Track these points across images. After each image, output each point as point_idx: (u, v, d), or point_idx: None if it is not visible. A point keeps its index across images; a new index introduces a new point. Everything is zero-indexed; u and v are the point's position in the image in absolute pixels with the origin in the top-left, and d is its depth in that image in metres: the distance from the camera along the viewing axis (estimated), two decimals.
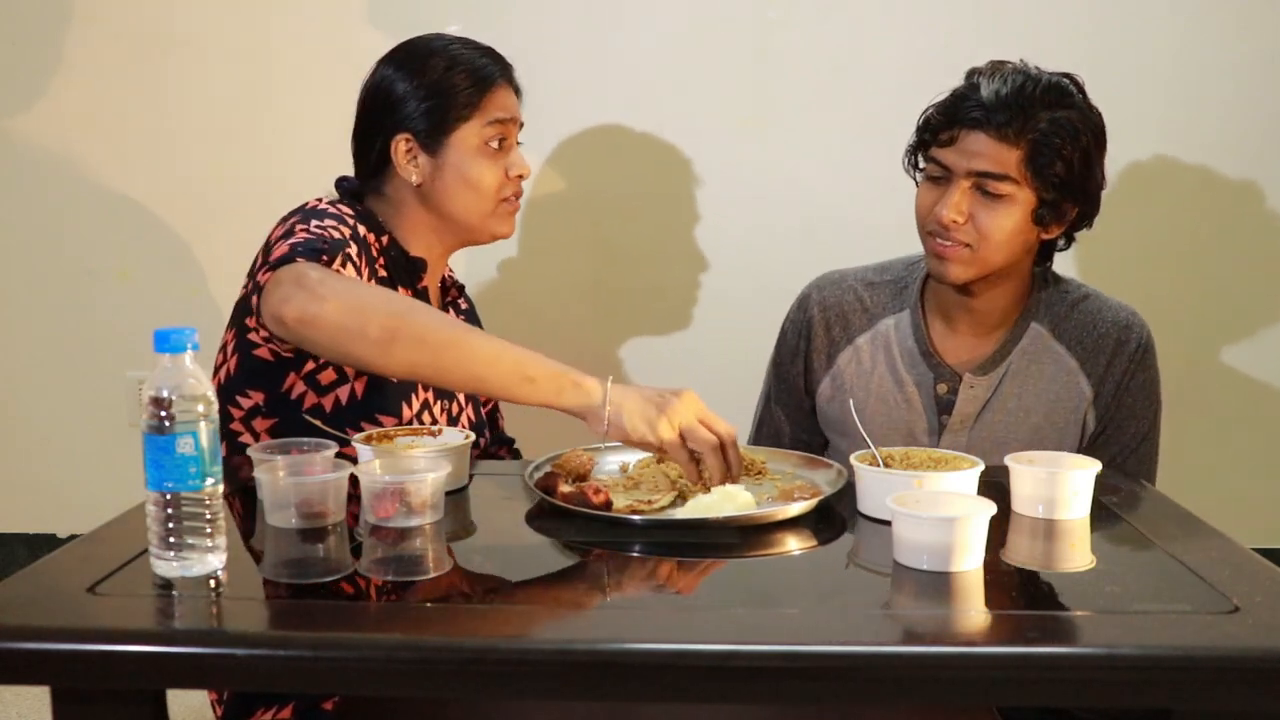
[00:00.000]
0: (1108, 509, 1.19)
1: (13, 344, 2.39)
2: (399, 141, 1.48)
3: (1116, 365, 1.54)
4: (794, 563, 1.09)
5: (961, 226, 1.46)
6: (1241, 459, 2.30)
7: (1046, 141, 1.42)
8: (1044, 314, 1.57)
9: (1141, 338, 1.56)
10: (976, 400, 1.55)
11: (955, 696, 0.99)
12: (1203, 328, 2.26)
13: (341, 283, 1.23)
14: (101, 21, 2.26)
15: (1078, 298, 1.58)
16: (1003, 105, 1.42)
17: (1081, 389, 1.54)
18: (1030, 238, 1.49)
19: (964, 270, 1.48)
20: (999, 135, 1.43)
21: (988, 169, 1.44)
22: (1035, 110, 1.42)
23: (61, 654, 0.86)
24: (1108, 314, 1.56)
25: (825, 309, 1.66)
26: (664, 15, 2.21)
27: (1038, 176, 1.43)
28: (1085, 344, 1.55)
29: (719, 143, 2.24)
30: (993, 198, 1.45)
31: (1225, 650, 0.84)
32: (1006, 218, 1.45)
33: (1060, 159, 1.43)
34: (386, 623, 0.93)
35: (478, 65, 1.48)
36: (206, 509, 0.95)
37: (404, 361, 1.21)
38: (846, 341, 1.64)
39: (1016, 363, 1.55)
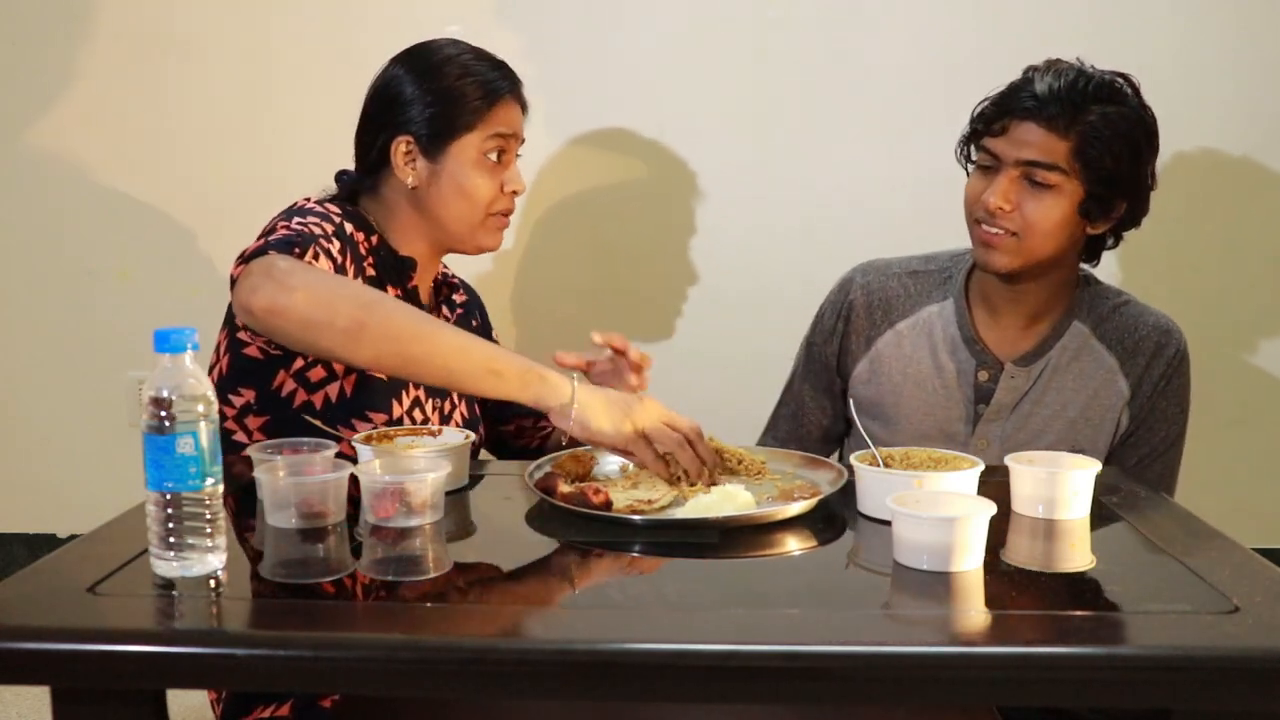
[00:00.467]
0: (1108, 509, 1.19)
1: (13, 344, 2.39)
2: (399, 143, 1.48)
3: (1155, 368, 1.57)
4: (794, 563, 1.09)
5: (1008, 214, 1.47)
6: (1242, 459, 2.29)
7: (1097, 134, 1.44)
8: (1086, 313, 1.58)
9: (1180, 345, 1.59)
10: (1016, 391, 1.56)
11: (955, 696, 0.99)
12: (1203, 328, 2.24)
13: (311, 274, 1.23)
14: (102, 22, 2.26)
15: (1119, 302, 1.61)
16: (1055, 98, 1.44)
17: (1119, 388, 1.56)
18: (1077, 231, 1.51)
19: (1009, 259, 1.50)
20: (1049, 125, 1.44)
21: (1036, 158, 1.45)
22: (1087, 104, 1.44)
23: (61, 654, 0.86)
24: (1148, 318, 1.59)
25: (869, 293, 1.67)
26: (664, 15, 2.21)
27: (1086, 168, 1.45)
28: (1126, 345, 1.57)
29: (719, 143, 2.24)
30: (1040, 187, 1.46)
31: (1225, 650, 0.84)
32: (1054, 208, 1.46)
33: (1109, 152, 1.44)
34: (386, 623, 0.92)
35: (489, 78, 1.49)
36: (206, 509, 0.95)
37: (371, 353, 1.22)
38: (888, 326, 1.65)
39: (1057, 358, 1.57)
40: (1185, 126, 2.18)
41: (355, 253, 1.42)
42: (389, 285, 1.47)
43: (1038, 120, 1.45)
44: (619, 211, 2.29)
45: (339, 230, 1.40)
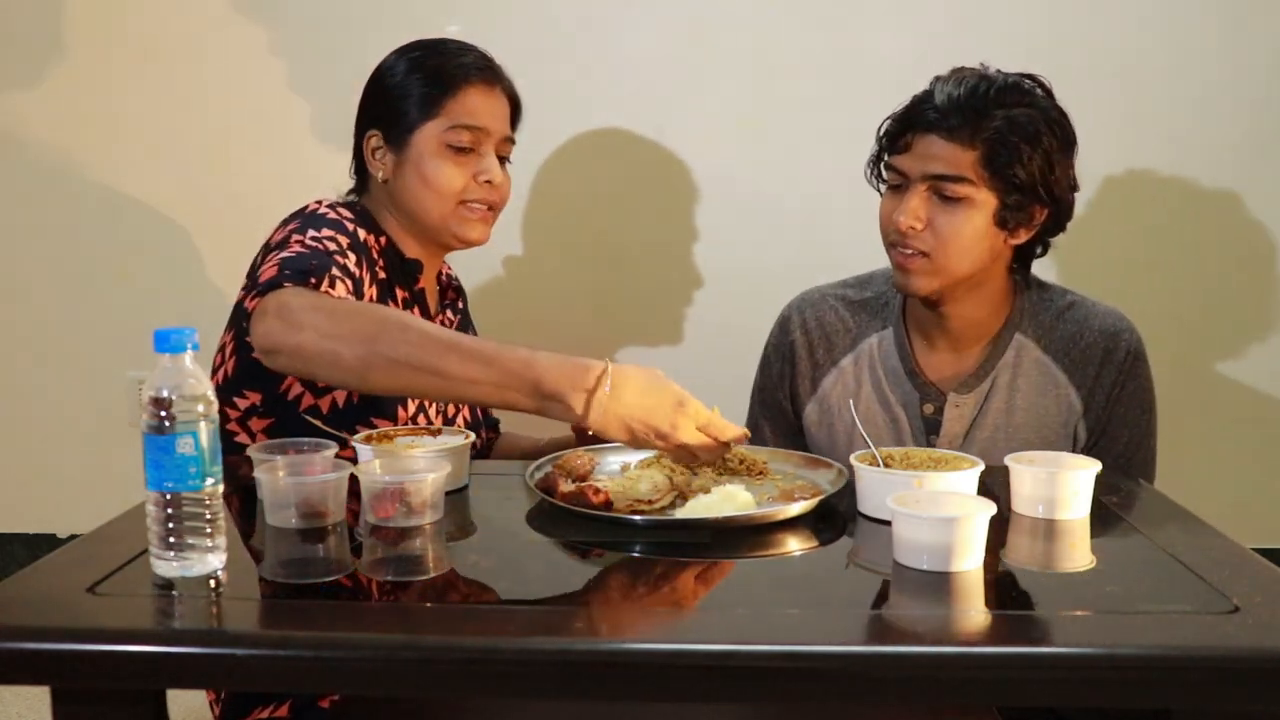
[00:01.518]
0: (1108, 509, 1.19)
1: (13, 344, 2.39)
2: (369, 138, 1.50)
3: (1105, 376, 1.50)
4: (794, 563, 1.08)
5: (919, 233, 1.42)
6: (1241, 459, 2.29)
7: (1003, 140, 1.39)
8: (1028, 324, 1.53)
9: (1130, 345, 1.51)
10: (963, 419, 1.52)
11: (955, 696, 0.99)
12: (1203, 328, 2.26)
13: (319, 312, 1.20)
14: (102, 22, 2.26)
15: (1063, 305, 1.54)
16: (955, 107, 1.40)
17: (1071, 402, 1.51)
18: (996, 243, 1.45)
19: (925, 281, 1.44)
20: (952, 136, 1.40)
21: (943, 171, 1.40)
22: (990, 110, 1.39)
23: (61, 654, 0.86)
24: (1094, 321, 1.52)
25: (807, 331, 1.63)
26: (664, 16, 2.21)
27: (997, 177, 1.40)
28: (1072, 355, 1.51)
29: (719, 143, 2.24)
30: (950, 201, 1.41)
31: (1225, 650, 0.84)
32: (966, 222, 1.41)
33: (1018, 158, 1.39)
34: (386, 623, 0.92)
35: (450, 67, 1.48)
36: (206, 509, 0.95)
37: (382, 386, 1.20)
38: (831, 364, 1.61)
39: (1002, 377, 1.51)
40: (1182, 127, 2.18)
41: (369, 258, 1.42)
42: (398, 287, 1.48)
43: (940, 132, 1.40)
44: (618, 212, 2.29)
45: (353, 239, 1.39)
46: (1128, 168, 2.20)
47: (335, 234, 1.37)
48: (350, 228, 1.41)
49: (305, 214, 1.42)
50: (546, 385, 1.13)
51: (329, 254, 1.32)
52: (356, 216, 1.44)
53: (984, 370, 1.52)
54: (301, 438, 1.19)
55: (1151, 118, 2.18)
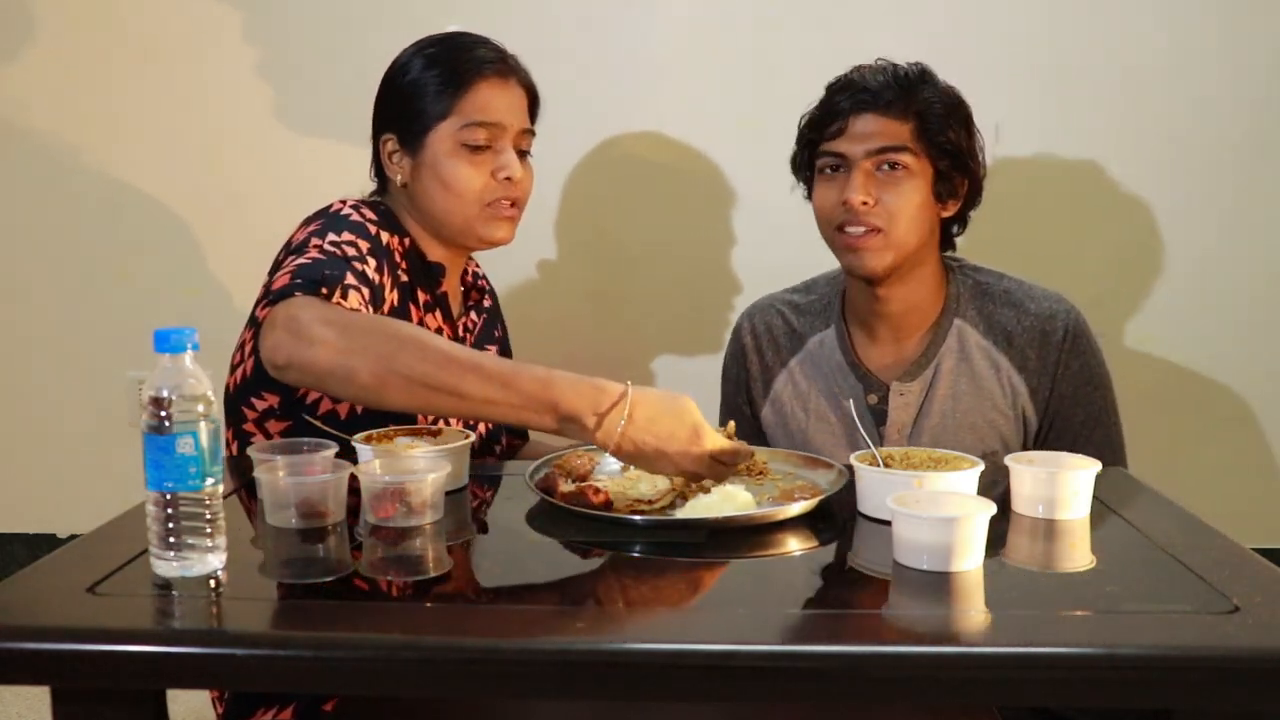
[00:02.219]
0: (1108, 509, 1.19)
1: (13, 344, 2.39)
2: (385, 142, 1.48)
3: (1047, 357, 1.52)
4: (794, 563, 1.08)
5: (872, 209, 1.47)
6: (1241, 459, 2.29)
7: (932, 111, 1.47)
8: (966, 309, 1.56)
9: (1069, 324, 1.53)
10: (909, 407, 1.53)
11: (955, 696, 0.99)
12: (1203, 328, 2.25)
13: (332, 327, 1.17)
14: (102, 22, 2.26)
15: (999, 291, 1.57)
16: (886, 86, 1.47)
17: (1015, 385, 1.53)
18: (933, 216, 1.51)
19: (879, 258, 1.48)
20: (888, 112, 1.47)
21: (885, 144, 1.46)
22: (919, 85, 1.48)
23: (61, 654, 0.86)
24: (1030, 305, 1.54)
25: (756, 336, 1.68)
26: (663, 16, 2.21)
27: (932, 146, 1.47)
28: (1013, 340, 1.53)
29: (719, 143, 2.24)
30: (895, 172, 1.47)
31: (1225, 650, 0.84)
32: (913, 192, 1.47)
33: (947, 127, 1.47)
34: (386, 623, 0.92)
35: (460, 64, 1.45)
36: (206, 509, 0.95)
37: (397, 404, 1.17)
38: (780, 365, 1.65)
39: (945, 363, 1.54)
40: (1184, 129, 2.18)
41: (390, 262, 1.39)
42: (420, 289, 1.46)
43: (876, 110, 1.47)
44: (618, 212, 2.29)
45: (374, 243, 1.36)
46: (1127, 167, 2.20)
47: (356, 238, 1.34)
48: (373, 230, 1.38)
49: (328, 214, 1.39)
50: (564, 407, 1.12)
51: (346, 260, 1.29)
52: (380, 218, 1.42)
53: (926, 358, 1.54)
54: (304, 438, 1.19)
55: (1151, 118, 2.18)
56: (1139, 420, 2.25)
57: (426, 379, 1.14)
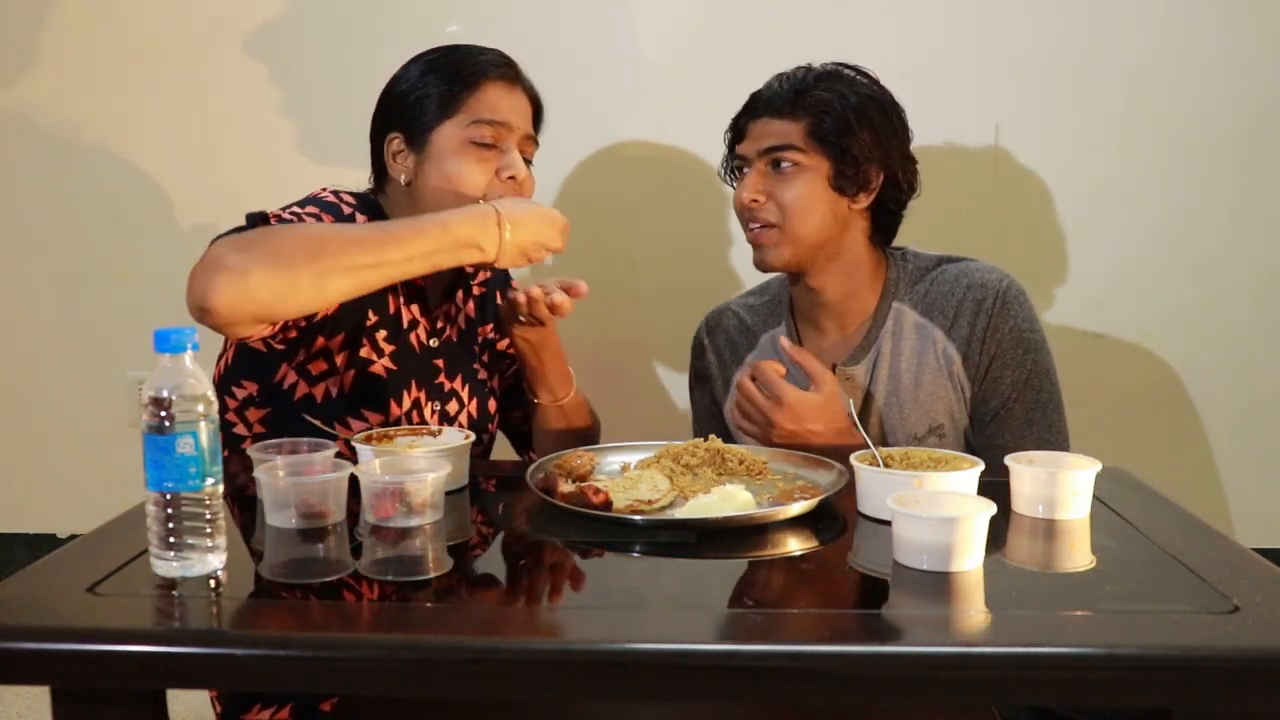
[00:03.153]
0: (1108, 509, 1.19)
1: (13, 344, 2.39)
2: (390, 140, 1.49)
3: (978, 323, 1.55)
4: (794, 563, 1.08)
5: (763, 205, 1.53)
6: (1241, 459, 2.29)
7: (825, 109, 1.51)
8: (904, 292, 1.60)
9: (999, 289, 1.55)
10: (855, 389, 1.58)
11: (955, 696, 0.99)
12: (1203, 328, 2.26)
13: (252, 251, 1.18)
14: (102, 22, 2.26)
15: (935, 270, 1.60)
16: (779, 91, 1.55)
17: (949, 353, 1.56)
18: (839, 208, 1.54)
19: (778, 253, 1.54)
20: (779, 114, 1.53)
21: (773, 143, 1.52)
22: (811, 88, 1.53)
23: (61, 654, 0.86)
24: (964, 278, 1.58)
25: (714, 338, 1.75)
26: (664, 16, 2.21)
27: (823, 143, 1.51)
28: (945, 311, 1.57)
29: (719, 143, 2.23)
30: (785, 170, 1.52)
31: (1225, 650, 0.84)
32: (802, 185, 1.52)
33: (842, 125, 1.50)
34: (386, 623, 0.92)
35: (467, 65, 1.47)
36: (206, 509, 0.95)
37: (338, 294, 1.24)
38: (737, 364, 1.70)
39: (885, 345, 1.58)
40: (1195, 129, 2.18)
41: None
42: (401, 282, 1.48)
43: (768, 114, 1.54)
44: (618, 211, 2.29)
45: (344, 220, 1.40)
46: (1128, 167, 2.20)
47: (320, 211, 1.37)
48: (346, 211, 1.42)
49: (309, 195, 1.44)
50: (464, 237, 1.29)
51: (299, 219, 1.33)
52: (359, 202, 1.45)
53: (867, 341, 1.59)
54: (300, 437, 1.19)
55: (1152, 117, 2.18)
56: (1139, 420, 2.26)
57: (356, 262, 1.23)
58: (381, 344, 1.44)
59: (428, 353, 1.51)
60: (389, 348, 1.44)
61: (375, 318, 1.44)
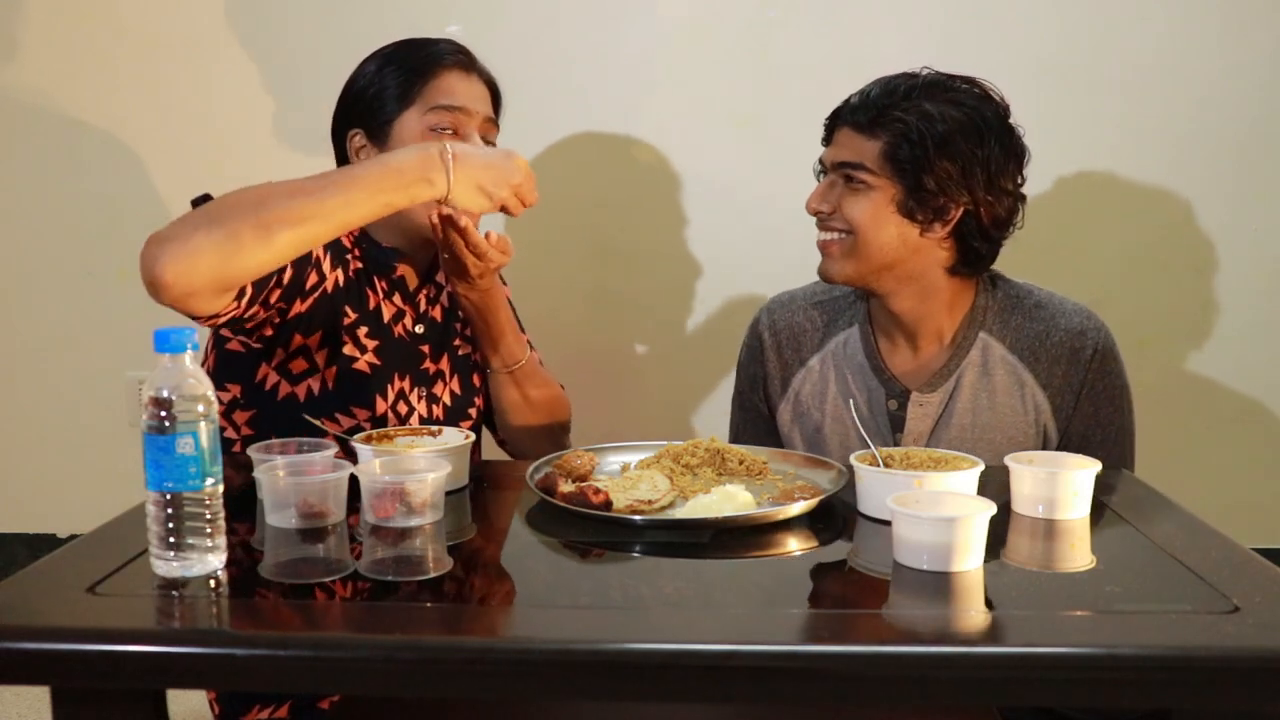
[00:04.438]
0: (1108, 509, 1.19)
1: (13, 344, 2.39)
2: (352, 137, 1.50)
3: (1074, 376, 1.50)
4: (794, 563, 1.09)
5: (829, 216, 1.50)
6: (1241, 459, 2.29)
7: (904, 134, 1.43)
8: (993, 323, 1.53)
9: (1098, 343, 1.50)
10: (927, 417, 1.52)
11: (955, 696, 0.99)
12: (1203, 328, 2.26)
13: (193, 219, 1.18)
14: (102, 22, 2.26)
15: (1030, 305, 1.54)
16: (865, 103, 1.48)
17: (1038, 402, 1.50)
18: (909, 234, 1.46)
19: (842, 265, 1.50)
20: (858, 129, 1.47)
21: (847, 159, 1.48)
22: (899, 104, 1.45)
23: (61, 654, 0.86)
24: (1061, 321, 1.51)
25: (776, 332, 1.66)
26: (664, 16, 2.21)
27: (896, 168, 1.44)
28: (1039, 355, 1.50)
29: (719, 143, 2.24)
30: (855, 186, 1.48)
31: (1225, 650, 0.84)
32: (867, 205, 1.46)
33: (918, 152, 1.43)
34: (386, 623, 0.92)
35: (421, 55, 1.48)
36: (206, 509, 0.95)
37: (288, 245, 1.20)
38: (799, 363, 1.63)
39: (967, 376, 1.51)
40: (1185, 129, 2.18)
41: (338, 246, 1.43)
42: (376, 277, 1.48)
43: (850, 125, 1.49)
44: (618, 211, 2.29)
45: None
46: (1128, 167, 2.20)
47: None
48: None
49: None
50: (409, 170, 1.23)
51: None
52: None
53: (949, 369, 1.52)
54: (295, 438, 1.19)
55: (1152, 118, 2.18)
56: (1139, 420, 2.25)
57: (301, 214, 1.19)
58: (364, 340, 1.44)
59: (414, 339, 1.52)
60: (371, 343, 1.45)
61: (354, 315, 1.44)
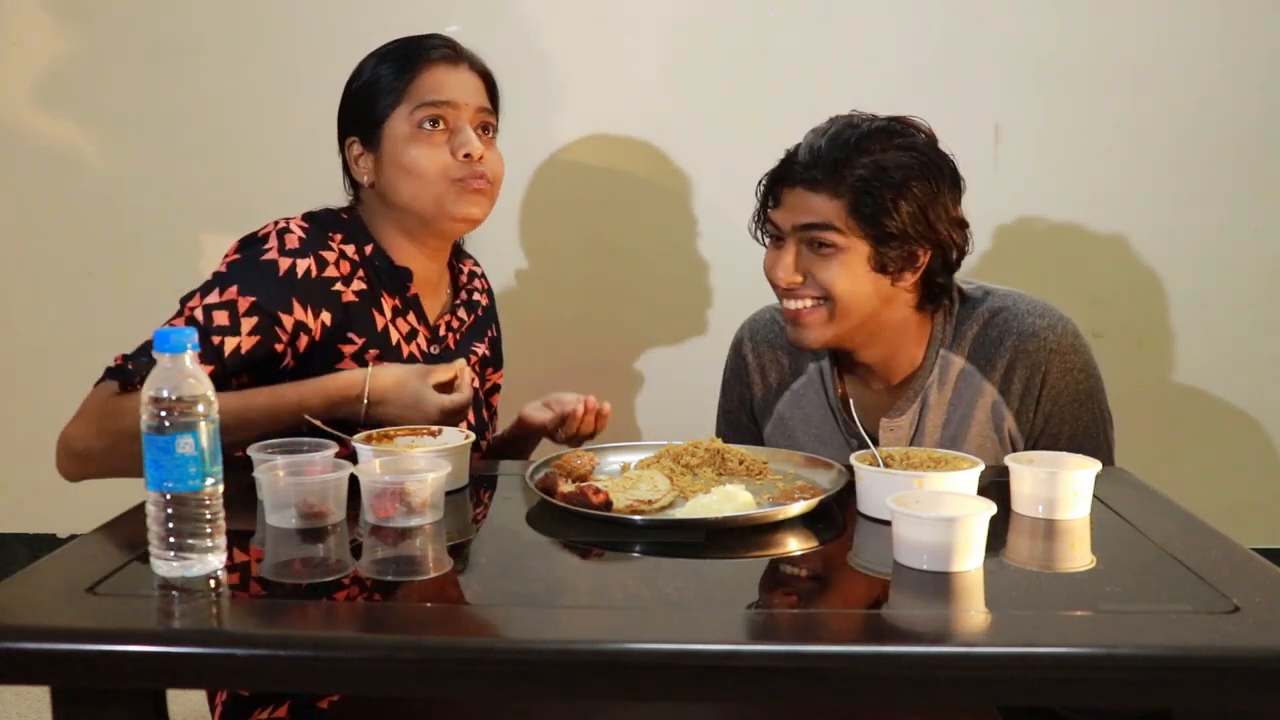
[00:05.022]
0: (1108, 509, 1.19)
1: (13, 344, 2.39)
2: (350, 145, 1.49)
3: (1033, 381, 1.47)
4: (794, 563, 1.09)
5: (802, 285, 1.43)
6: (1241, 459, 2.29)
7: (867, 188, 1.38)
8: (953, 340, 1.51)
9: (1050, 341, 1.47)
10: (899, 442, 1.51)
11: (955, 696, 0.99)
12: (1203, 328, 2.26)
13: (102, 444, 1.30)
14: (102, 22, 2.26)
15: (984, 313, 1.50)
16: (817, 159, 1.40)
17: (997, 407, 1.48)
18: (882, 288, 1.43)
19: (820, 332, 1.45)
20: (817, 188, 1.40)
21: (810, 220, 1.41)
22: (853, 157, 1.39)
23: (61, 654, 0.86)
24: (1014, 324, 1.48)
25: (759, 355, 1.64)
26: (664, 15, 2.21)
27: (865, 224, 1.39)
28: (993, 360, 1.48)
29: (719, 143, 2.24)
30: (823, 249, 1.41)
31: (1225, 650, 0.84)
32: (841, 268, 1.41)
33: (886, 207, 1.38)
34: (386, 623, 0.92)
35: (404, 52, 1.47)
36: (206, 509, 0.95)
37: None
38: (784, 388, 1.62)
39: (930, 395, 1.50)
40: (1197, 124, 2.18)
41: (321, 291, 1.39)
42: (385, 295, 1.46)
43: (805, 184, 1.41)
44: (619, 211, 2.29)
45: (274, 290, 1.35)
46: (1127, 167, 2.20)
47: (241, 295, 1.34)
48: (284, 267, 1.37)
49: (246, 252, 1.39)
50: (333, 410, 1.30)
51: (206, 334, 1.31)
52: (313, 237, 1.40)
53: (913, 392, 1.51)
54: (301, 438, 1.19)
55: (1152, 117, 2.18)
56: (1139, 420, 2.25)
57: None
58: (372, 365, 1.41)
59: (429, 359, 1.49)
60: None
61: (360, 340, 1.41)
